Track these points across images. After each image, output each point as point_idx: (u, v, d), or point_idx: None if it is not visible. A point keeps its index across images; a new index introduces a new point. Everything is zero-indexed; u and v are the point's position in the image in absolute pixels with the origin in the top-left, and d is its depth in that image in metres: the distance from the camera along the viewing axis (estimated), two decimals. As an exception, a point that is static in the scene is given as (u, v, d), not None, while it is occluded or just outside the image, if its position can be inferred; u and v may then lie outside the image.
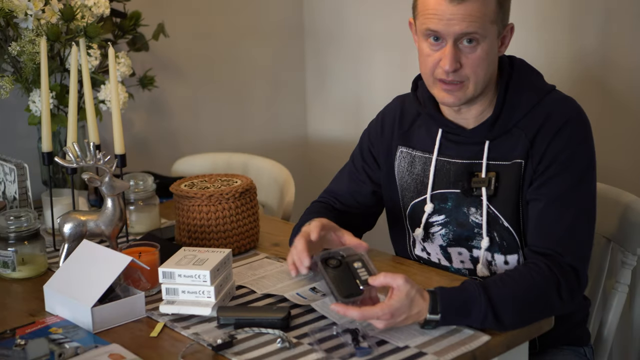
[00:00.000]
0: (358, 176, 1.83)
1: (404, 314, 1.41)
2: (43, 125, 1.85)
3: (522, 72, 1.65)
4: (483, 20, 1.53)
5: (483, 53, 1.55)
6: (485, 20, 1.53)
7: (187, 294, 1.54)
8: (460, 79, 1.57)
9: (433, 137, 1.70)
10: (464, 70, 1.56)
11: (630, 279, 1.98)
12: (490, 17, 1.54)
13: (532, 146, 1.59)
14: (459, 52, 1.55)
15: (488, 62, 1.57)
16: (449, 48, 1.54)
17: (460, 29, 1.52)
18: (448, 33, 1.53)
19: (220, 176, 1.95)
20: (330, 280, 1.48)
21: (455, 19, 1.52)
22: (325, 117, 3.04)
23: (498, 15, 1.56)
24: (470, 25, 1.52)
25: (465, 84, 1.57)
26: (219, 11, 2.73)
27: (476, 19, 1.52)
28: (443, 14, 1.52)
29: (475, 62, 1.56)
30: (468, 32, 1.53)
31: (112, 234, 1.73)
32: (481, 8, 1.52)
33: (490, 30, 1.55)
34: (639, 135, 2.16)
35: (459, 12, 1.51)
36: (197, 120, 2.74)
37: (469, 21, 1.52)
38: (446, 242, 1.70)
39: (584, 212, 1.57)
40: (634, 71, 2.14)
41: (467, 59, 1.55)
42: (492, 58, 1.58)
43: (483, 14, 1.52)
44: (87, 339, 1.46)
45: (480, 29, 1.53)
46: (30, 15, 1.94)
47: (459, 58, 1.55)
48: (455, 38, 1.54)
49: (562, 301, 1.50)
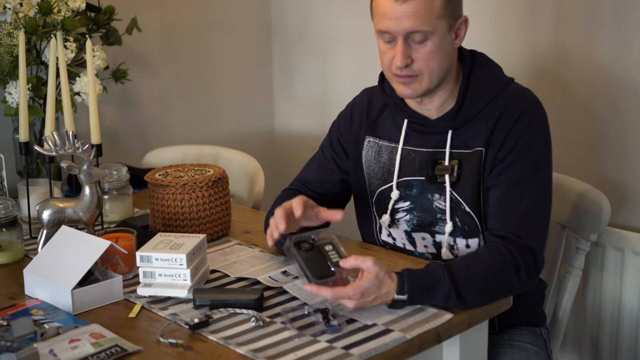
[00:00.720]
0: (327, 164, 1.91)
1: (374, 294, 1.49)
2: (20, 116, 1.90)
3: (483, 65, 1.74)
4: (429, 16, 1.60)
5: (433, 47, 1.63)
6: (431, 17, 1.61)
7: (164, 277, 1.60)
8: (414, 73, 1.65)
9: (399, 127, 1.78)
10: (416, 65, 1.64)
11: (584, 264, 2.09)
12: (437, 13, 1.61)
13: (492, 135, 1.68)
14: (410, 49, 1.63)
15: (440, 55, 1.65)
16: (400, 45, 1.62)
17: (407, 26, 1.60)
18: (397, 31, 1.62)
19: (193, 166, 2.02)
20: (303, 263, 1.56)
21: (402, 17, 1.60)
22: (292, 111, 3.11)
23: (446, 10, 1.63)
24: (416, 23, 1.60)
25: (420, 77, 1.66)
26: (190, 7, 2.79)
27: (421, 16, 1.60)
28: (391, 14, 1.61)
29: (427, 57, 1.64)
30: (414, 28, 1.61)
31: (89, 221, 1.78)
32: (426, 5, 1.60)
33: (438, 25, 1.62)
34: (593, 126, 2.26)
35: (405, 11, 1.60)
36: (167, 113, 2.80)
37: (414, 18, 1.60)
38: (410, 227, 1.79)
39: (541, 197, 1.66)
40: (587, 64, 2.23)
41: (417, 54, 1.64)
42: (446, 51, 1.66)
43: (428, 10, 1.60)
44: (67, 320, 1.52)
45: (427, 25, 1.61)
46: (8, 8, 1.99)
47: (409, 54, 1.63)
48: (404, 35, 1.62)
49: (521, 281, 1.59)
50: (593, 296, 2.25)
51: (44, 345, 1.40)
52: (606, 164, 2.25)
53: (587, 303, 2.26)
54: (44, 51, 2.12)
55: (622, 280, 2.17)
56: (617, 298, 2.19)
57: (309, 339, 1.43)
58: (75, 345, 1.41)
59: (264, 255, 1.82)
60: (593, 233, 2.02)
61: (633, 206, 2.21)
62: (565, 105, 2.30)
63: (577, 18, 2.24)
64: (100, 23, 2.29)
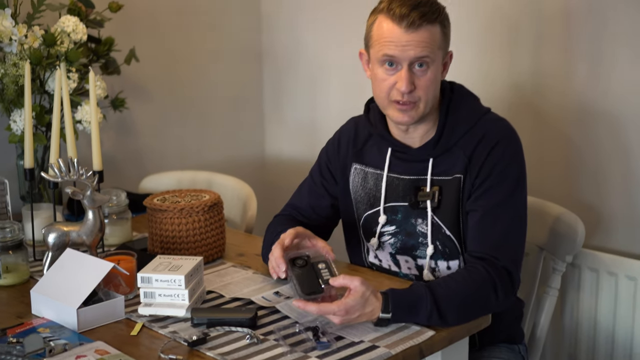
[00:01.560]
0: (317, 190, 2.01)
1: (358, 312, 1.60)
2: (26, 144, 1.99)
3: (461, 96, 1.86)
4: (432, 46, 1.73)
5: (432, 75, 1.76)
6: (434, 46, 1.74)
7: (164, 297, 1.70)
8: (414, 100, 1.76)
9: (383, 155, 1.90)
10: (417, 92, 1.76)
11: (562, 284, 2.20)
12: (438, 44, 1.75)
13: (469, 162, 1.79)
14: (413, 75, 1.75)
15: (436, 84, 1.78)
16: (405, 71, 1.74)
17: (415, 53, 1.72)
18: (403, 58, 1.73)
19: (189, 191, 2.12)
20: (295, 278, 1.66)
21: (410, 45, 1.72)
22: (282, 137, 3.22)
23: (443, 42, 1.77)
24: (423, 50, 1.72)
25: (418, 103, 1.77)
26: (184, 38, 2.90)
27: (427, 45, 1.73)
28: (399, 41, 1.72)
29: (427, 84, 1.76)
30: (421, 56, 1.73)
31: (92, 244, 1.88)
32: (431, 35, 1.73)
33: (437, 55, 1.76)
34: (568, 153, 2.38)
35: (414, 39, 1.72)
36: (163, 139, 2.90)
37: (422, 47, 1.72)
38: (395, 250, 1.89)
39: (516, 220, 1.77)
40: (562, 95, 2.35)
41: (419, 81, 1.75)
42: (438, 80, 1.79)
43: (432, 41, 1.73)
44: (72, 338, 1.61)
45: (431, 54, 1.73)
46: (14, 40, 2.09)
47: (412, 80, 1.75)
48: (409, 62, 1.74)
49: (498, 300, 1.70)
50: (570, 315, 2.35)
51: (52, 361, 1.50)
52: (581, 189, 2.36)
53: (565, 321, 2.37)
54: (48, 81, 2.22)
55: (597, 299, 2.28)
56: (592, 317, 2.30)
57: (300, 354, 1.53)
58: (82, 361, 1.51)
59: (257, 277, 1.92)
60: (569, 254, 2.14)
61: (607, 229, 2.33)
62: (543, 133, 2.41)
63: (553, 53, 2.36)
64: (100, 53, 2.40)
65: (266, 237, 1.95)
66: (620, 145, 2.27)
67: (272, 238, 1.88)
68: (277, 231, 1.84)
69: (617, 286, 2.24)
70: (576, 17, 2.29)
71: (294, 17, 3.04)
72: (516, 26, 2.43)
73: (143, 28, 2.74)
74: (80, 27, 2.23)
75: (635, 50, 2.20)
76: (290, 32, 3.07)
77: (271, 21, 3.11)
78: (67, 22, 2.22)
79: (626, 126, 2.25)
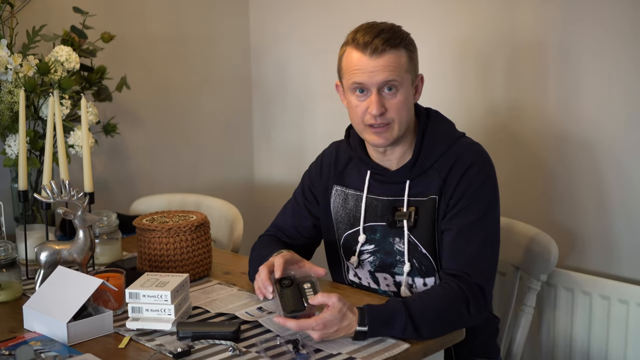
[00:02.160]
0: (300, 211, 2.10)
1: (335, 326, 1.67)
2: (20, 167, 2.08)
3: (437, 121, 1.95)
4: (399, 69, 1.83)
5: (402, 98, 1.85)
6: (400, 70, 1.83)
7: (150, 312, 1.77)
8: (387, 122, 1.85)
9: (363, 177, 1.98)
10: (389, 114, 1.85)
11: (539, 303, 2.28)
12: (404, 67, 1.84)
13: (444, 184, 1.88)
14: (383, 99, 1.84)
15: (407, 106, 1.87)
16: (374, 95, 1.83)
17: (382, 78, 1.82)
18: (372, 83, 1.83)
19: (177, 212, 2.20)
20: (279, 297, 1.74)
21: (377, 71, 1.82)
22: (270, 161, 3.30)
23: (410, 66, 1.86)
24: (390, 75, 1.82)
25: (391, 125, 1.86)
26: (175, 65, 2.99)
27: (393, 69, 1.82)
28: (366, 68, 1.82)
29: (398, 106, 1.85)
30: (388, 80, 1.82)
31: (83, 262, 1.96)
32: (396, 59, 1.82)
33: (405, 79, 1.85)
34: (543, 175, 2.46)
35: (379, 64, 1.81)
36: (153, 163, 2.98)
37: (388, 71, 1.82)
38: (373, 268, 1.97)
39: (488, 239, 1.85)
40: (537, 120, 2.45)
41: (389, 104, 1.84)
42: (410, 103, 1.88)
43: (398, 64, 1.82)
44: (62, 350, 1.68)
45: (398, 77, 1.83)
46: (10, 68, 2.18)
47: (383, 103, 1.84)
48: (378, 87, 1.83)
49: (470, 314, 1.77)
50: (547, 333, 2.43)
51: (43, 371, 1.57)
52: (556, 211, 2.45)
53: (542, 339, 2.44)
54: (42, 107, 2.31)
55: (572, 318, 2.36)
56: (568, 334, 2.37)
57: (280, 365, 1.61)
58: (71, 371, 1.58)
59: (242, 294, 2.00)
60: (543, 274, 2.21)
61: (581, 249, 2.41)
62: (518, 156, 2.51)
63: (527, 79, 2.46)
64: (92, 81, 2.49)
65: (252, 256, 2.03)
66: (593, 168, 2.36)
67: (257, 258, 1.96)
68: (263, 254, 1.93)
69: (592, 305, 2.31)
70: (547, 49, 2.40)
71: (281, 48, 3.14)
72: (489, 56, 2.53)
73: (134, 57, 2.83)
74: (74, 57, 2.32)
75: (602, 79, 2.30)
76: (278, 61, 3.17)
77: (260, 51, 3.21)
78: (61, 52, 2.31)
79: (599, 150, 2.34)
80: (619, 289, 2.26)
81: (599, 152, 2.34)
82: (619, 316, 2.26)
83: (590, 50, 2.32)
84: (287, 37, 3.11)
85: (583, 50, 2.33)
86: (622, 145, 2.30)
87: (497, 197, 1.90)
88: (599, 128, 2.33)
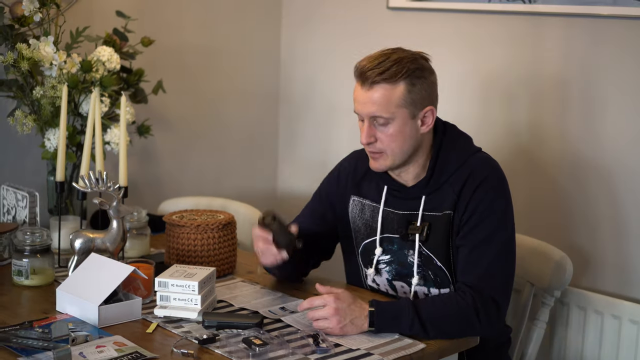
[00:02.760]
0: (316, 214, 2.14)
1: (347, 302, 1.78)
2: (59, 159, 2.17)
3: (451, 136, 1.99)
4: (388, 105, 1.86)
5: (395, 131, 1.88)
6: (390, 105, 1.86)
7: (178, 301, 1.85)
8: (378, 150, 1.91)
9: (380, 191, 2.03)
10: (379, 144, 1.90)
11: (552, 320, 2.33)
12: (396, 103, 1.86)
13: (458, 199, 1.92)
14: (374, 129, 1.90)
15: (402, 138, 1.89)
16: (365, 125, 1.90)
17: (369, 111, 1.88)
18: (362, 113, 1.90)
19: (206, 211, 2.28)
20: None
21: (367, 103, 1.88)
22: (294, 174, 3.38)
23: (406, 101, 1.86)
24: (376, 109, 1.86)
25: (384, 154, 1.91)
26: (208, 75, 3.09)
27: (381, 104, 1.86)
28: (358, 98, 1.90)
29: (389, 138, 1.89)
30: (374, 114, 1.87)
31: (115, 251, 2.04)
32: (386, 94, 1.85)
33: (398, 113, 1.87)
34: (561, 197, 2.52)
35: (369, 97, 1.87)
36: (182, 167, 3.07)
37: (376, 105, 1.86)
38: (391, 276, 2.03)
39: (502, 254, 1.90)
40: (557, 143, 2.52)
41: (381, 134, 1.89)
42: (409, 135, 1.89)
43: (387, 101, 1.86)
44: (93, 332, 1.76)
45: (385, 112, 1.86)
46: (54, 65, 2.28)
47: (373, 133, 1.90)
48: (369, 118, 1.89)
49: (481, 324, 1.82)
50: (558, 350, 2.48)
51: (75, 349, 1.65)
52: (573, 232, 2.51)
53: (553, 356, 2.49)
54: (81, 104, 2.41)
55: (584, 336, 2.41)
56: (579, 352, 2.42)
57: (301, 356, 1.67)
58: (102, 350, 1.65)
59: (265, 292, 2.07)
60: (557, 290, 2.27)
61: (595, 270, 2.47)
62: (537, 178, 2.57)
63: (550, 103, 2.53)
64: (130, 83, 2.59)
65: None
66: (610, 192, 2.42)
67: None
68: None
69: (603, 324, 2.37)
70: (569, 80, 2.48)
71: (310, 65, 3.23)
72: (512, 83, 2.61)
73: (171, 63, 2.93)
74: (115, 57, 2.42)
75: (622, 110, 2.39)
76: (307, 78, 3.25)
77: (289, 67, 3.30)
78: (103, 52, 2.41)
79: (616, 175, 2.40)
80: (631, 309, 2.32)
81: (616, 175, 2.41)
82: (630, 336, 2.31)
83: (612, 83, 2.40)
84: (317, 54, 3.20)
85: (605, 82, 2.41)
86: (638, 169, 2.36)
87: (511, 211, 1.95)
88: (616, 152, 2.40)
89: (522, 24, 2.57)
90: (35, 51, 2.23)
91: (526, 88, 2.58)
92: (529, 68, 2.57)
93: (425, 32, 2.78)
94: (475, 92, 2.71)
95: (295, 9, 3.23)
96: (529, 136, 2.59)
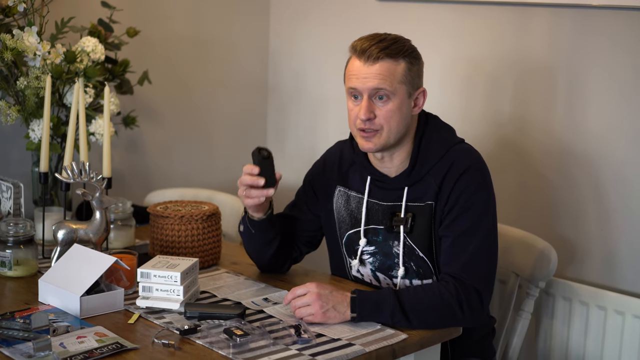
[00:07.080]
0: (301, 203, 2.16)
1: (329, 289, 1.80)
2: (42, 150, 2.16)
3: (434, 127, 2.00)
4: (391, 79, 1.87)
5: (394, 107, 1.89)
6: (393, 80, 1.88)
7: (160, 292, 1.85)
8: (375, 128, 1.90)
9: (364, 182, 2.03)
10: (378, 120, 1.90)
11: (537, 311, 2.34)
12: (398, 78, 1.88)
13: (440, 190, 1.93)
14: (373, 105, 1.90)
15: (400, 116, 1.90)
16: (364, 101, 1.89)
17: (372, 84, 1.88)
18: (363, 89, 1.89)
19: (190, 202, 2.28)
20: None
21: (369, 77, 1.88)
22: (283, 164, 3.37)
23: (407, 78, 1.89)
24: (380, 83, 1.87)
25: (380, 132, 1.91)
26: (196, 65, 3.08)
27: (385, 77, 1.87)
28: (359, 73, 1.89)
29: (387, 114, 1.89)
30: (378, 87, 1.88)
31: (98, 242, 2.03)
32: (389, 68, 1.87)
33: (399, 89, 1.89)
34: (546, 189, 2.53)
35: (372, 71, 1.88)
36: (168, 159, 3.06)
37: (379, 79, 1.87)
38: (374, 268, 2.04)
39: (485, 244, 1.90)
40: (542, 135, 2.52)
41: (380, 111, 1.90)
42: (405, 114, 1.91)
43: (391, 74, 1.87)
44: (74, 322, 1.76)
45: (389, 86, 1.87)
46: (38, 55, 2.27)
47: (372, 109, 1.90)
48: (369, 93, 1.89)
49: (463, 314, 1.83)
50: (544, 341, 2.48)
51: (55, 339, 1.64)
52: (558, 223, 2.51)
53: (539, 347, 2.50)
54: (66, 95, 2.40)
55: (569, 327, 2.42)
56: (564, 343, 2.43)
57: (282, 347, 1.67)
58: (82, 340, 1.65)
59: (249, 283, 2.07)
60: (542, 281, 2.28)
61: (581, 261, 2.47)
62: (522, 169, 2.57)
63: (534, 95, 2.53)
64: (116, 74, 2.58)
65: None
66: (595, 182, 2.42)
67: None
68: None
69: (588, 315, 2.37)
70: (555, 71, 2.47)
71: (298, 55, 3.23)
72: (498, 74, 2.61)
73: (156, 54, 2.92)
74: (99, 48, 2.41)
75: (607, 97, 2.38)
76: (295, 68, 3.25)
77: (278, 58, 3.29)
78: (88, 43, 2.40)
79: (601, 166, 2.41)
80: (616, 300, 2.32)
81: (601, 166, 2.41)
82: (615, 327, 2.32)
83: (596, 71, 2.39)
84: (305, 45, 3.19)
85: (589, 69, 2.41)
86: (624, 160, 2.36)
87: (493, 202, 1.95)
88: (602, 143, 2.40)
89: (509, 15, 2.56)
90: (19, 41, 2.22)
91: (511, 79, 2.58)
92: (514, 59, 2.57)
93: (415, 23, 2.78)
94: (461, 83, 2.71)
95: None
96: (513, 127, 2.59)
